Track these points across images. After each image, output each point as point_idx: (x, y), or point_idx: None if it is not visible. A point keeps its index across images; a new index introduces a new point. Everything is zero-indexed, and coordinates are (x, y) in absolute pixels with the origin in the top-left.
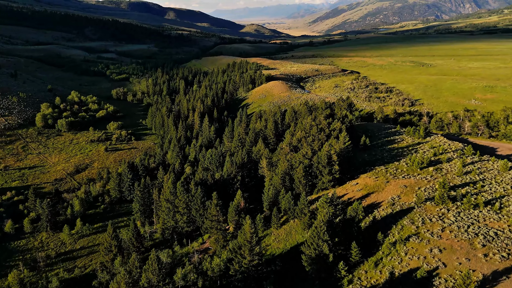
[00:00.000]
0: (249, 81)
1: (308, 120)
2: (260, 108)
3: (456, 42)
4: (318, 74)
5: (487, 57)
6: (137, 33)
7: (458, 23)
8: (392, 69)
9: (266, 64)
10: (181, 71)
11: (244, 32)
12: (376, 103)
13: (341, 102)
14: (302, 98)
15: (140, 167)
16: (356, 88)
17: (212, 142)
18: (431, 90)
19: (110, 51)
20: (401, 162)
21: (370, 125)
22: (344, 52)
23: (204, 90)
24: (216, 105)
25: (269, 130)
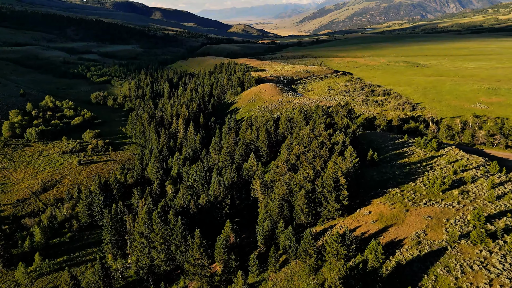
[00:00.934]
0: (237, 84)
1: (306, 131)
2: (250, 113)
3: (446, 42)
4: (310, 76)
5: (481, 56)
6: (121, 33)
7: (443, 22)
8: (386, 70)
9: (255, 65)
10: (165, 72)
11: (232, 32)
12: (374, 107)
13: (340, 108)
14: (295, 102)
15: (114, 186)
16: (351, 91)
17: (198, 153)
18: (431, 93)
19: (93, 52)
20: (417, 182)
21: (374, 135)
22: (334, 52)
23: (190, 94)
24: (203, 111)
25: (261, 142)
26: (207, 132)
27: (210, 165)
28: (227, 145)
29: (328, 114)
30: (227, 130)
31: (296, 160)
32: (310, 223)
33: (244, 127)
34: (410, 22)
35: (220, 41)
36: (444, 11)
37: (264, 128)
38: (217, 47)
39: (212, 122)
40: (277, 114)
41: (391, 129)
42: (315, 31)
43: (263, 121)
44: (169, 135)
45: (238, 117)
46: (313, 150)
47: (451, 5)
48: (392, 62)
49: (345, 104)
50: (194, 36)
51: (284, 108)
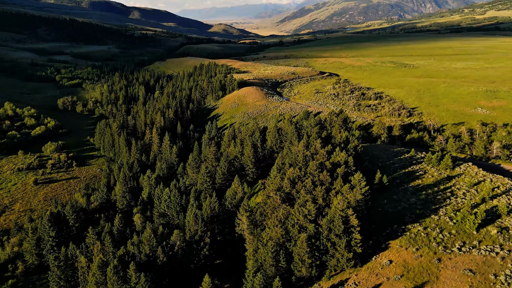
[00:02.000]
0: (218, 88)
1: (300, 148)
2: (232, 120)
3: (428, 41)
4: (295, 78)
5: (467, 56)
6: (96, 33)
7: (422, 22)
8: (373, 71)
9: (237, 67)
10: (142, 74)
11: (212, 32)
12: (367, 112)
13: (334, 116)
14: (281, 107)
15: (70, 216)
16: (340, 94)
17: (174, 168)
18: (426, 96)
19: (65, 53)
20: (440, 214)
21: (376, 149)
22: (318, 53)
23: (166, 99)
24: (180, 118)
25: (247, 158)
26: (185, 142)
27: (188, 185)
28: (207, 163)
29: (322, 124)
30: (207, 141)
31: (292, 187)
32: (313, 276)
33: (226, 139)
34: (388, 22)
35: (200, 41)
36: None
37: (250, 141)
38: (197, 47)
39: (191, 131)
40: (263, 122)
41: (393, 140)
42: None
43: (248, 132)
44: (142, 147)
45: (219, 124)
46: (311, 174)
47: (427, 5)
48: (378, 63)
49: (339, 112)
50: (173, 36)
51: (270, 114)
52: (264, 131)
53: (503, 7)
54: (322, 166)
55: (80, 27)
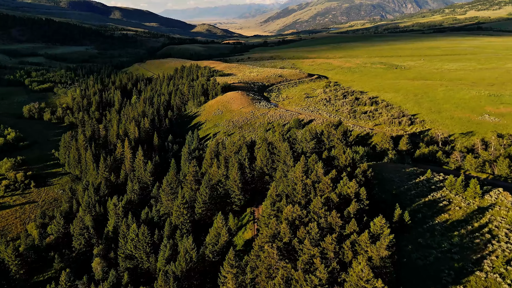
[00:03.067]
0: (200, 93)
1: (298, 173)
2: (216, 129)
3: (415, 41)
4: (283, 81)
5: (457, 57)
6: (74, 33)
7: (404, 22)
8: (364, 73)
9: (220, 69)
10: (119, 77)
11: (196, 32)
12: (364, 120)
13: (332, 129)
14: (270, 115)
15: (12, 262)
16: (332, 99)
17: (149, 188)
18: (425, 101)
19: (39, 54)
20: (486, 269)
21: (385, 169)
22: (304, 53)
23: (142, 105)
24: (157, 127)
25: (233, 182)
26: (162, 156)
27: (162, 215)
28: (186, 186)
29: (318, 138)
30: (187, 156)
31: (292, 234)
32: None
33: (208, 156)
34: (371, 22)
35: (182, 41)
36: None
37: (236, 160)
38: (180, 48)
39: (169, 142)
40: (250, 132)
41: (401, 156)
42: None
43: (233, 148)
44: (112, 163)
45: (201, 134)
46: (316, 213)
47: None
48: (368, 64)
49: (338, 124)
50: (155, 36)
51: (257, 123)
52: (253, 146)
53: (483, 7)
54: (329, 201)
55: (56, 27)
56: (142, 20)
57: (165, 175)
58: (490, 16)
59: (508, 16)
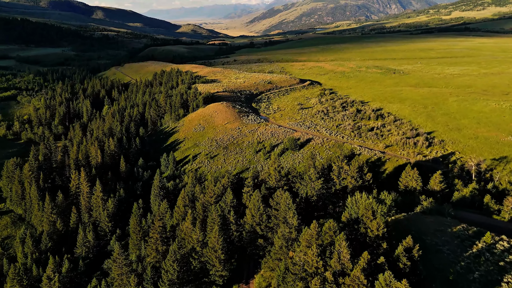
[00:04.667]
0: (179, 104)
1: (310, 257)
2: (196, 150)
3: (406, 42)
4: (273, 88)
5: (455, 59)
6: (51, 34)
7: (390, 22)
8: (360, 78)
9: (204, 74)
10: (92, 84)
11: (181, 32)
12: (371, 139)
13: (344, 163)
14: (259, 132)
15: None
16: (330, 111)
17: (107, 237)
18: (439, 115)
19: (10, 57)
20: None
21: (424, 228)
22: (293, 56)
23: (111, 119)
24: (126, 149)
25: (211, 252)
26: (130, 187)
27: None
28: (148, 251)
29: (327, 177)
30: (157, 191)
31: None
32: None
33: (181, 202)
34: (357, 22)
35: (166, 42)
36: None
37: (216, 214)
38: (162, 49)
39: (139, 167)
40: (236, 154)
41: (433, 197)
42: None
43: (214, 190)
44: (62, 202)
45: (179, 156)
46: None
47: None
48: (362, 68)
49: (351, 154)
50: (138, 37)
51: (245, 142)
52: (241, 185)
53: (466, 8)
54: None
55: (32, 27)
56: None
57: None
58: (475, 17)
59: (493, 16)
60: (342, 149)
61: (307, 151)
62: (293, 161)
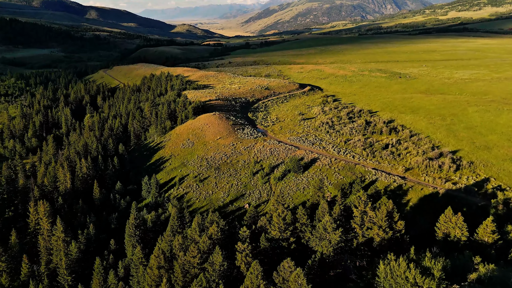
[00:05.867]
0: (166, 115)
1: None
2: (183, 171)
3: (406, 43)
4: (270, 95)
5: (461, 62)
6: (40, 34)
7: (386, 22)
8: (363, 83)
9: (196, 79)
10: (76, 89)
11: (175, 32)
12: (388, 160)
13: (367, 207)
14: (256, 149)
15: None
16: (335, 123)
17: None
18: (460, 129)
19: None
20: None
21: None
22: (291, 58)
23: (88, 134)
24: (102, 170)
25: None
26: (104, 218)
27: None
28: None
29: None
30: (132, 230)
31: None
32: None
33: (155, 263)
34: (352, 23)
35: (159, 43)
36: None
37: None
38: (155, 51)
39: (117, 193)
40: (230, 177)
41: (487, 254)
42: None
43: (200, 246)
44: (16, 243)
45: (164, 178)
46: None
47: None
48: (365, 72)
49: (374, 193)
50: (131, 38)
51: (240, 162)
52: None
53: (463, 8)
54: None
55: (20, 27)
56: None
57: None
58: (472, 17)
59: (490, 17)
60: (354, 172)
61: (313, 174)
62: (296, 187)
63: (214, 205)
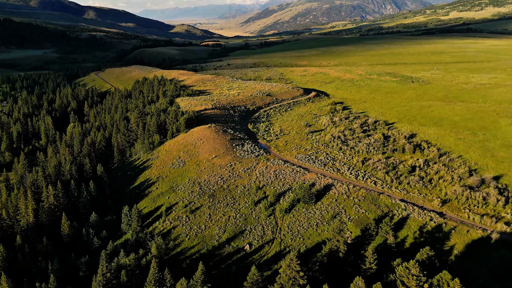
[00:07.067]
0: (155, 128)
1: None
2: (171, 198)
3: (412, 44)
4: (272, 102)
5: (473, 65)
6: (34, 35)
7: (387, 23)
8: (373, 88)
9: (191, 83)
10: (62, 94)
11: (174, 32)
12: (418, 189)
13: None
14: (258, 171)
15: None
16: (348, 137)
17: None
18: (497, 146)
19: None
20: None
21: None
22: (292, 60)
23: (64, 150)
24: (76, 197)
25: None
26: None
27: None
28: None
29: None
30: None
31: None
32: None
33: None
34: (352, 23)
35: (157, 43)
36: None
37: None
38: (152, 52)
39: (90, 226)
40: (226, 207)
41: None
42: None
43: None
44: None
45: (148, 207)
46: None
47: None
48: (373, 75)
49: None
50: (128, 38)
51: (239, 188)
52: None
53: (464, 8)
54: None
55: (14, 28)
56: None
57: None
58: (474, 17)
59: (492, 17)
60: (378, 204)
61: (327, 206)
62: (308, 222)
63: (207, 244)
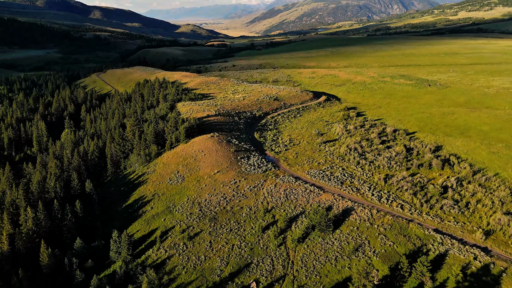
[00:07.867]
0: (152, 137)
1: None
2: (167, 221)
3: (423, 45)
4: (280, 107)
5: (491, 67)
6: (37, 35)
7: (394, 22)
8: (387, 92)
9: (194, 86)
10: (59, 97)
11: (180, 32)
12: (452, 215)
13: None
14: (266, 190)
15: None
16: (366, 149)
17: None
18: None
19: None
20: None
21: None
22: (300, 61)
23: (52, 163)
24: (59, 219)
25: None
26: None
27: None
28: None
29: None
30: None
31: None
32: None
33: None
34: (359, 23)
35: (162, 43)
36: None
37: None
38: (156, 52)
39: (74, 255)
40: (231, 240)
41: None
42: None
43: None
44: None
45: (141, 231)
46: None
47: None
48: (386, 78)
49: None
50: (133, 38)
51: (244, 211)
52: None
53: (473, 8)
54: None
55: (17, 28)
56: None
57: None
58: (484, 17)
59: (503, 17)
60: (408, 235)
61: (348, 236)
62: (325, 255)
63: (207, 280)
